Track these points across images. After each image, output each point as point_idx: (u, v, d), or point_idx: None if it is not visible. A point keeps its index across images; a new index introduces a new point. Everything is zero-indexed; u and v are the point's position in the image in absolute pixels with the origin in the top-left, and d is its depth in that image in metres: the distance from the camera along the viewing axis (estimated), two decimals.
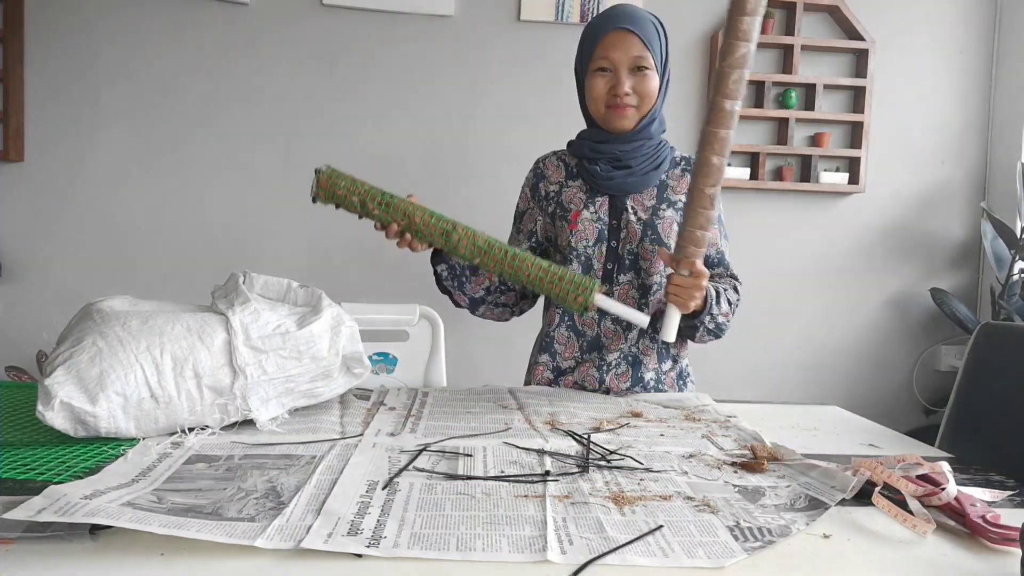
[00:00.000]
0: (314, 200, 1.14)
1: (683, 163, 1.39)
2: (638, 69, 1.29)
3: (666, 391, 1.38)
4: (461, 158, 2.51)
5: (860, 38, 2.55)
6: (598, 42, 1.29)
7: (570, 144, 1.42)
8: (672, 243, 1.31)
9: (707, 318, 1.24)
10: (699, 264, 1.15)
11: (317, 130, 2.46)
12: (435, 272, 1.33)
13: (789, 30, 2.56)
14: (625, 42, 1.27)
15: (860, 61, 2.60)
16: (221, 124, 2.42)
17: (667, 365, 1.39)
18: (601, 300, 1.13)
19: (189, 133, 2.41)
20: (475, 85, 2.51)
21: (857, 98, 2.61)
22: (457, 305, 1.39)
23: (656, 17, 1.33)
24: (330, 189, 1.12)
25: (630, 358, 1.35)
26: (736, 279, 1.37)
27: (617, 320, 1.34)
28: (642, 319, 1.15)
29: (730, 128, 1.11)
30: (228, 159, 2.43)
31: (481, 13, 2.49)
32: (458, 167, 2.51)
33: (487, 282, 1.36)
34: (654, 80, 1.30)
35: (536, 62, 2.51)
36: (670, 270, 1.18)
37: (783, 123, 2.58)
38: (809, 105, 2.59)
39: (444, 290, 1.37)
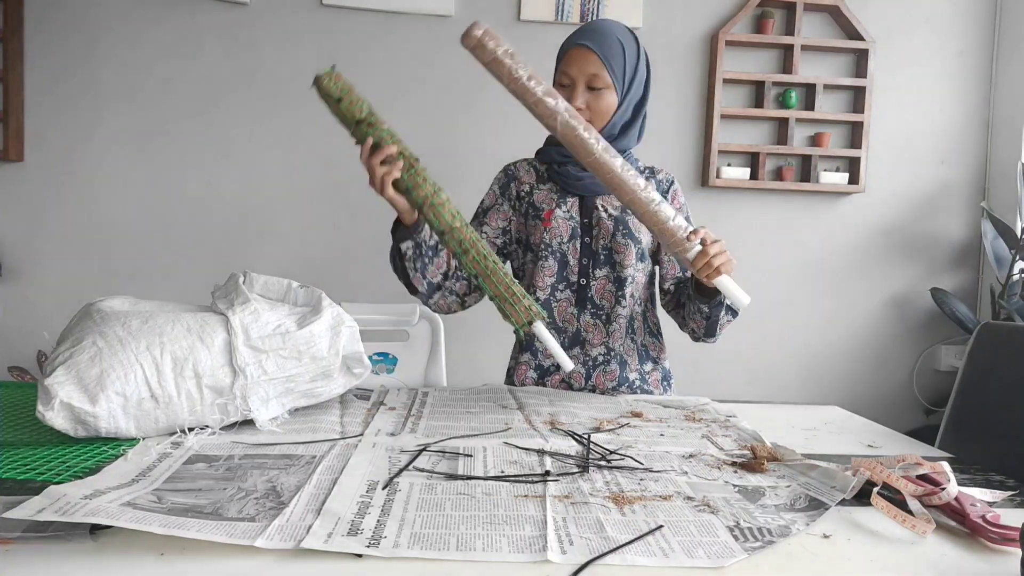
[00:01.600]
0: (317, 81, 1.11)
1: (647, 172, 1.42)
2: (594, 88, 1.30)
3: (651, 392, 1.40)
4: (461, 157, 2.51)
5: (860, 38, 2.55)
6: (562, 57, 1.33)
7: (538, 152, 1.44)
8: (644, 237, 1.37)
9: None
10: (702, 231, 1.14)
11: (317, 130, 2.45)
12: (397, 249, 1.26)
13: (789, 30, 2.56)
14: (582, 59, 1.29)
15: (860, 61, 2.59)
16: (221, 124, 2.42)
17: (648, 366, 1.41)
18: (540, 328, 1.13)
19: (189, 133, 2.41)
20: (475, 85, 2.50)
21: (857, 98, 2.61)
22: (412, 291, 1.32)
23: (630, 32, 1.33)
24: (345, 85, 1.12)
25: (616, 357, 1.37)
26: None
27: (596, 313, 1.36)
28: (567, 363, 1.14)
29: (588, 141, 1.12)
30: (228, 159, 2.43)
31: (481, 13, 2.48)
32: (457, 166, 2.50)
33: (446, 267, 1.31)
34: (608, 98, 1.30)
35: (536, 62, 2.48)
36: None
37: (783, 123, 2.58)
38: (809, 105, 2.59)
39: (402, 271, 1.29)
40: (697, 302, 1.28)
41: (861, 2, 2.56)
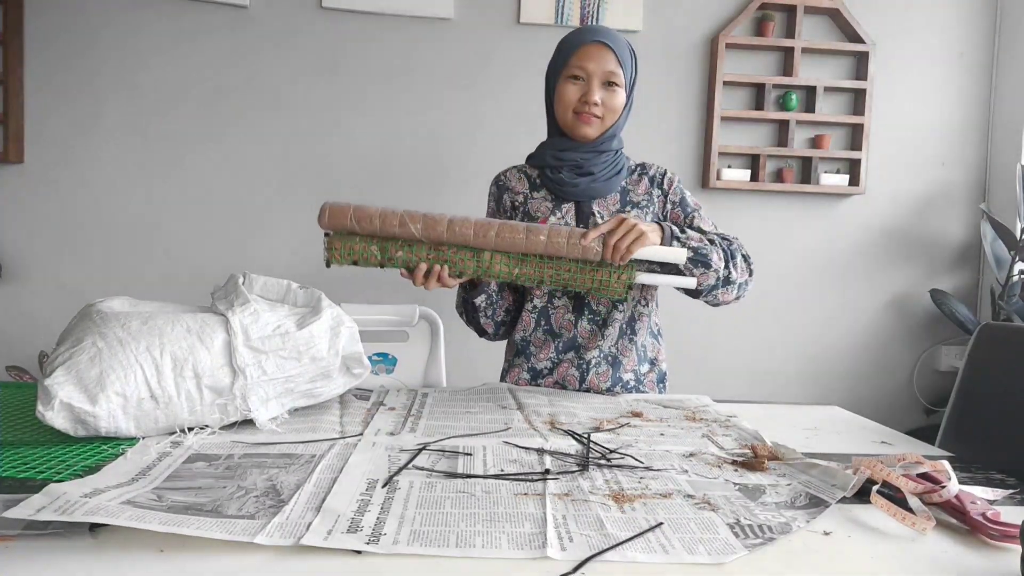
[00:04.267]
0: (328, 265, 1.17)
1: (638, 170, 1.43)
2: (609, 84, 1.33)
3: (646, 392, 1.40)
4: (461, 161, 2.51)
5: (860, 40, 2.55)
6: (575, 51, 1.33)
7: (530, 157, 1.45)
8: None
9: (675, 244, 1.22)
10: (592, 233, 1.17)
11: (317, 132, 2.46)
12: (471, 303, 1.38)
13: (790, 32, 2.56)
14: (601, 55, 1.32)
15: (860, 63, 2.60)
16: (221, 125, 2.42)
17: (645, 367, 1.41)
18: (643, 279, 1.20)
19: (189, 134, 2.41)
20: (475, 88, 2.50)
21: (857, 100, 2.61)
22: (482, 334, 1.45)
23: (630, 45, 1.38)
24: (346, 248, 1.16)
25: (609, 358, 1.37)
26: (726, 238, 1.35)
27: (593, 320, 1.37)
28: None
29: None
30: (228, 160, 2.43)
31: (481, 16, 2.49)
32: (458, 169, 2.51)
33: (507, 303, 1.42)
34: (621, 97, 1.35)
35: (536, 65, 2.48)
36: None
37: (783, 125, 2.58)
38: (809, 107, 2.59)
39: (475, 321, 1.42)
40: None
41: (861, 4, 2.56)
